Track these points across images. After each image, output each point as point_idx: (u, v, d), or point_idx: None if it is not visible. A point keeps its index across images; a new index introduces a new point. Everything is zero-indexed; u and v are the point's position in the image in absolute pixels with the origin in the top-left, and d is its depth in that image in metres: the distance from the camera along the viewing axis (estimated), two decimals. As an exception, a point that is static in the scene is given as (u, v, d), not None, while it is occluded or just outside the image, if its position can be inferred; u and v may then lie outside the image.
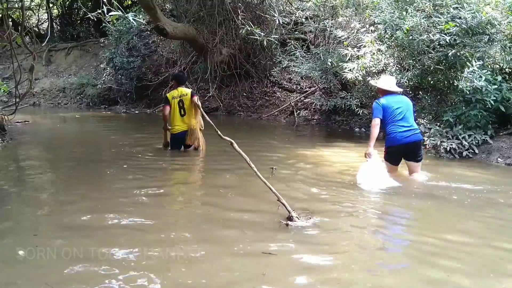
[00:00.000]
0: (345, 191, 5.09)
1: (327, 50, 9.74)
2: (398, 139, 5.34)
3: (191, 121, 6.92)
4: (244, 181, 5.31)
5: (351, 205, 4.57)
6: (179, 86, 7.07)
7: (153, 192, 4.91)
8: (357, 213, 4.33)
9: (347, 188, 5.23)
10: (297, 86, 12.60)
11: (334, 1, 9.61)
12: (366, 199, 4.96)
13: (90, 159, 6.84)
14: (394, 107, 5.35)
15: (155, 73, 14.33)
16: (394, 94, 5.51)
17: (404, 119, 5.36)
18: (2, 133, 8.17)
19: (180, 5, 13.15)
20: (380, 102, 5.39)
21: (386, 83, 5.55)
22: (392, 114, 5.34)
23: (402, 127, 5.33)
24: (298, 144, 8.23)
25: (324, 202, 4.67)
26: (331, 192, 5.04)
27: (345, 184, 5.39)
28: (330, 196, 4.88)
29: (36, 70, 15.72)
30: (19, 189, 5.14)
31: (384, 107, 5.35)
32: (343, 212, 4.34)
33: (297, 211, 3.97)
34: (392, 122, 5.35)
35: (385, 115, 5.35)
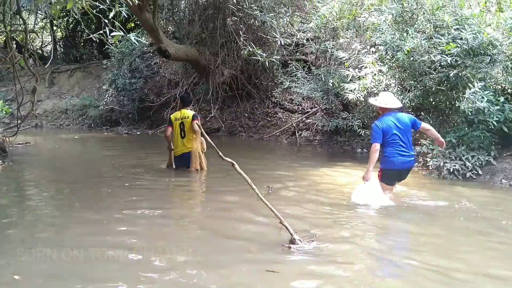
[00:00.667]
0: (348, 213, 5.04)
1: (328, 71, 9.77)
2: (396, 163, 5.38)
3: (191, 143, 6.96)
4: (246, 203, 5.25)
5: (353, 228, 4.51)
6: (183, 107, 7.13)
7: (154, 214, 4.87)
8: (359, 236, 4.26)
9: (350, 209, 5.18)
10: (299, 106, 12.61)
11: (335, 23, 9.67)
12: (368, 221, 4.89)
13: (91, 180, 6.80)
14: (393, 130, 5.33)
15: (157, 94, 14.39)
16: (393, 112, 5.47)
17: (403, 143, 5.35)
18: (3, 155, 8.15)
19: (182, 27, 13.30)
20: (380, 126, 5.35)
21: (384, 101, 5.49)
22: (391, 137, 5.33)
23: (400, 152, 5.34)
24: (299, 165, 8.19)
25: (326, 224, 4.60)
26: (334, 214, 4.98)
27: (347, 206, 5.33)
28: (333, 218, 4.82)
29: (38, 91, 15.84)
30: (18, 211, 5.09)
31: (384, 130, 5.33)
32: (345, 235, 4.27)
33: (300, 233, 3.90)
34: (391, 145, 5.35)
35: (385, 137, 5.34)
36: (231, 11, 10.62)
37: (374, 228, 4.66)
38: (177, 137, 6.99)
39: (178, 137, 6.99)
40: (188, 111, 7.02)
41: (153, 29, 10.31)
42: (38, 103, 16.31)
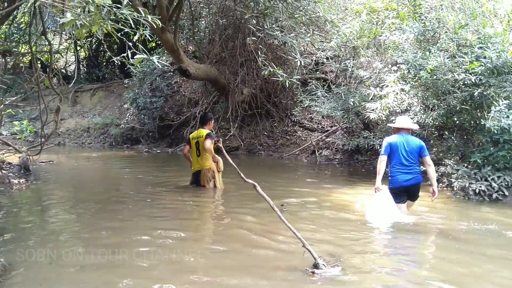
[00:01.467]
0: (372, 235, 4.98)
1: (349, 89, 9.73)
2: (399, 181, 5.63)
3: (204, 162, 7.07)
4: (266, 224, 5.18)
5: (378, 252, 4.41)
6: (201, 126, 7.26)
7: (170, 235, 4.82)
8: (386, 260, 4.15)
9: (374, 231, 5.11)
10: (318, 125, 12.56)
11: (355, 42, 9.65)
12: (393, 244, 4.77)
13: (112, 199, 6.81)
14: (400, 148, 5.60)
15: (177, 112, 14.51)
16: (406, 133, 5.72)
17: (406, 162, 5.59)
18: (26, 173, 8.27)
19: (202, 46, 13.45)
20: (388, 140, 5.69)
21: (399, 121, 5.84)
22: (396, 154, 5.62)
23: (402, 170, 5.61)
24: (320, 184, 8.09)
25: (351, 246, 4.49)
26: (358, 236, 4.88)
27: (371, 227, 5.24)
28: (357, 240, 4.72)
29: (62, 110, 16.10)
30: (40, 229, 5.11)
31: (392, 145, 5.63)
32: (371, 258, 4.16)
33: (323, 257, 3.81)
34: (395, 163, 5.64)
35: (391, 154, 5.65)
36: (251, 31, 10.69)
37: (400, 252, 4.53)
38: (194, 156, 7.16)
39: (194, 155, 7.15)
40: (204, 130, 7.09)
41: (174, 49, 10.44)
42: (61, 121, 16.61)
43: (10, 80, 9.04)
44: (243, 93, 12.51)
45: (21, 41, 8.92)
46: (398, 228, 5.23)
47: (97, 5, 3.07)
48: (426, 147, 5.74)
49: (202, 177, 7.11)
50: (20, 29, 9.18)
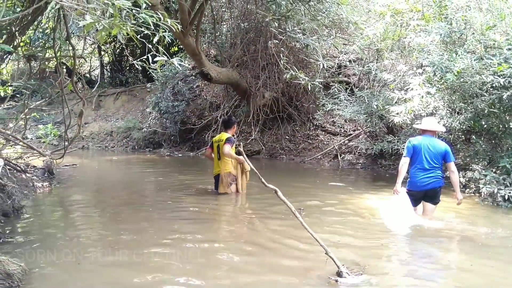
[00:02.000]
0: (396, 241, 4.86)
1: (372, 93, 9.55)
2: (418, 185, 5.57)
3: (224, 166, 7.01)
4: (288, 231, 5.09)
5: (404, 259, 4.27)
6: (224, 130, 7.28)
7: (193, 237, 4.78)
8: (411, 268, 4.01)
9: (398, 237, 4.98)
10: (341, 129, 12.39)
11: (379, 44, 9.48)
12: (418, 250, 4.63)
13: (133, 202, 6.82)
14: (423, 150, 5.51)
15: (199, 116, 14.53)
16: (431, 136, 5.63)
17: (428, 165, 5.50)
18: (50, 177, 8.36)
19: (224, 50, 13.46)
20: (412, 142, 5.61)
21: (424, 124, 5.75)
22: (419, 157, 5.53)
23: (423, 173, 5.51)
24: (342, 189, 7.95)
25: (374, 253, 4.37)
26: (381, 242, 4.76)
27: (396, 234, 5.10)
28: (381, 247, 4.60)
29: (86, 114, 16.39)
30: (62, 232, 5.12)
31: (415, 147, 5.55)
32: (395, 266, 4.05)
33: (347, 264, 3.70)
34: (416, 166, 5.56)
35: (414, 156, 5.57)
36: (272, 34, 10.63)
37: (427, 259, 4.38)
38: (215, 159, 7.16)
39: (215, 159, 7.15)
40: (225, 134, 7.08)
41: (196, 53, 10.46)
42: (85, 125, 16.87)
43: (35, 84, 9.18)
44: (265, 96, 12.45)
45: (46, 46, 9.05)
46: (423, 234, 5.14)
47: (117, 7, 3.04)
48: (451, 153, 5.58)
49: (220, 182, 7.06)
50: (45, 34, 9.32)
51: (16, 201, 5.72)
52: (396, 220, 5.49)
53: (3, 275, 3.24)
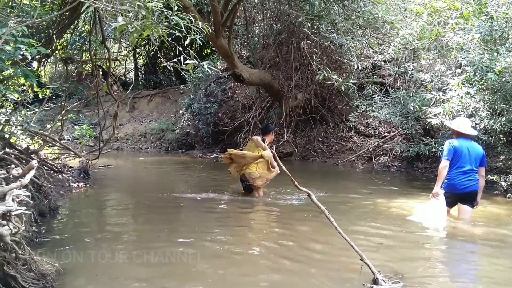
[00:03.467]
0: (434, 247, 4.68)
1: (408, 94, 9.29)
2: (457, 188, 5.44)
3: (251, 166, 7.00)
4: (320, 234, 4.98)
5: (442, 265, 4.12)
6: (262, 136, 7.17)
7: (224, 239, 4.73)
8: (451, 275, 3.85)
9: (436, 243, 4.79)
10: (375, 131, 12.12)
11: (415, 44, 9.22)
12: (456, 256, 4.46)
13: (166, 203, 6.85)
14: (464, 153, 5.39)
15: (231, 118, 14.54)
16: (467, 138, 5.53)
17: (469, 168, 5.40)
18: (86, 177, 8.51)
19: (256, 51, 13.42)
20: (453, 144, 5.44)
21: (462, 125, 5.56)
22: (459, 160, 5.40)
23: (464, 176, 5.40)
24: (377, 193, 7.74)
25: (411, 259, 4.21)
26: (419, 247, 4.61)
27: (432, 238, 4.92)
28: (418, 252, 4.44)
29: (121, 116, 16.68)
30: (96, 233, 5.18)
31: (456, 150, 5.40)
32: (434, 273, 3.88)
33: (383, 271, 3.56)
34: (456, 168, 5.41)
35: (454, 158, 5.42)
36: (305, 35, 10.50)
37: (464, 264, 4.20)
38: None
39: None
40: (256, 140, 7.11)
41: (228, 55, 10.45)
42: (120, 126, 17.17)
43: (72, 87, 9.39)
44: (297, 98, 12.33)
45: (82, 49, 9.26)
46: (461, 237, 5.00)
47: (149, 9, 3.03)
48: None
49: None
50: (81, 37, 9.53)
51: (52, 201, 5.84)
52: (432, 223, 5.35)
53: (38, 275, 3.27)
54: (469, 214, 5.57)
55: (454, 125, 5.60)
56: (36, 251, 3.99)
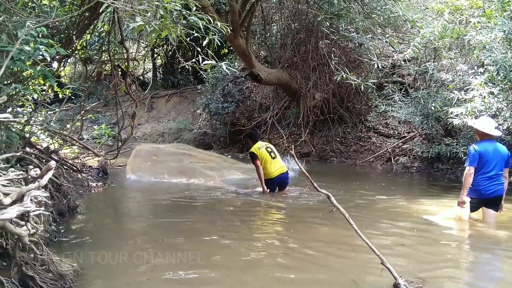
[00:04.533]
0: (457, 250, 4.57)
1: (429, 93, 9.12)
2: (483, 193, 5.27)
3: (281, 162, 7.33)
4: (339, 237, 4.90)
5: (465, 270, 4.01)
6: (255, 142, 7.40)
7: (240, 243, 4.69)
8: (478, 280, 3.72)
9: (458, 245, 4.68)
10: (394, 131, 11.95)
11: (436, 43, 9.04)
12: (482, 259, 4.34)
13: (184, 203, 6.84)
14: (489, 157, 5.20)
15: (248, 118, 14.51)
16: (491, 140, 5.33)
17: (494, 172, 5.23)
18: (104, 177, 8.57)
19: (274, 51, 13.36)
20: (477, 149, 5.22)
21: (487, 126, 5.30)
22: (485, 165, 5.21)
23: (489, 181, 5.23)
24: (397, 194, 7.60)
25: (433, 264, 4.10)
26: (441, 251, 4.50)
27: (455, 242, 4.80)
28: (441, 256, 4.33)
29: (139, 116, 16.80)
30: (114, 232, 5.20)
31: (481, 155, 5.20)
32: (458, 278, 3.77)
33: (405, 276, 3.47)
34: (481, 173, 5.23)
35: (478, 163, 5.23)
36: (324, 34, 10.40)
37: (488, 270, 4.08)
38: (269, 161, 7.17)
39: (269, 160, 7.17)
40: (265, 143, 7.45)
41: (246, 54, 10.43)
42: (138, 126, 17.29)
43: (91, 87, 9.47)
44: (315, 98, 12.23)
45: (102, 49, 9.32)
46: (484, 241, 4.87)
47: (167, 9, 3.01)
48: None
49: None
50: (100, 38, 9.60)
51: (71, 201, 5.88)
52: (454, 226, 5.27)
53: (56, 276, 3.28)
54: (494, 218, 5.42)
55: (479, 126, 5.33)
56: (54, 251, 4.01)
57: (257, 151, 7.18)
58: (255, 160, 7.16)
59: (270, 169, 7.16)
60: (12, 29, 3.64)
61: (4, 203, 2.48)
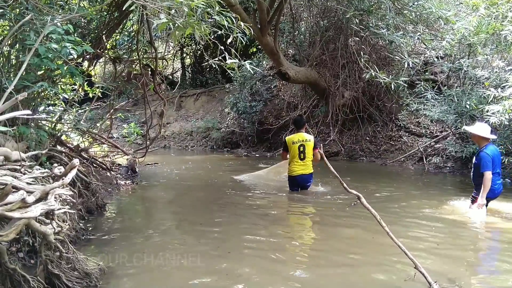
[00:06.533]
0: (492, 253, 4.38)
1: (463, 91, 8.81)
2: (496, 192, 5.67)
3: (309, 165, 7.11)
4: (371, 240, 4.76)
5: (501, 271, 3.80)
6: (298, 131, 7.20)
7: (262, 245, 4.61)
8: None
9: (494, 249, 4.47)
10: (426, 130, 11.62)
11: (471, 39, 8.72)
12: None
13: (212, 203, 6.83)
14: (495, 159, 5.62)
15: (276, 117, 14.42)
16: (491, 143, 5.77)
17: (498, 172, 5.71)
18: (133, 175, 8.64)
19: (302, 49, 13.21)
20: (490, 154, 5.57)
21: (486, 131, 5.74)
22: (494, 166, 5.60)
23: (498, 180, 5.69)
24: (429, 195, 7.37)
25: (469, 267, 3.93)
26: (477, 254, 4.32)
27: (489, 245, 4.59)
28: (476, 260, 4.14)
29: (168, 115, 16.95)
30: (141, 232, 5.19)
31: (493, 158, 5.57)
32: (494, 281, 3.59)
33: (439, 281, 3.32)
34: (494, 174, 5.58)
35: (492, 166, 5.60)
36: (353, 31, 10.20)
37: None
38: (296, 159, 7.08)
39: (297, 158, 7.07)
40: (306, 135, 7.12)
41: (274, 52, 10.34)
42: (167, 125, 17.45)
43: (120, 86, 9.57)
44: (344, 96, 12.03)
45: (131, 48, 9.40)
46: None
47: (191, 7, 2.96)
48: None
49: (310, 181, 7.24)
50: (130, 37, 9.69)
51: (99, 199, 5.93)
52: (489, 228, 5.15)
53: (82, 274, 3.28)
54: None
55: (483, 132, 5.70)
56: (82, 248, 4.03)
57: (290, 145, 7.10)
58: (284, 151, 7.23)
59: (294, 167, 7.12)
60: (40, 27, 3.66)
61: (28, 202, 2.48)
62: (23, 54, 4.26)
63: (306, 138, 7.02)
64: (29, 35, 3.74)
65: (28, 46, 3.82)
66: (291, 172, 7.17)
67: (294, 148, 7.04)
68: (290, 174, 7.19)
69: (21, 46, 4.44)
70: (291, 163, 7.14)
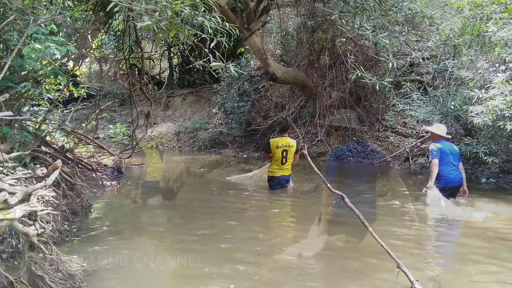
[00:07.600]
0: (476, 251, 4.40)
1: (448, 92, 8.91)
2: (450, 181, 6.49)
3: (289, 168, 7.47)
4: (353, 239, 4.79)
5: (486, 272, 3.86)
6: (282, 135, 7.42)
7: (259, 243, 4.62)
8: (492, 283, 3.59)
9: (475, 248, 4.51)
10: (413, 130, 11.73)
11: (456, 40, 8.82)
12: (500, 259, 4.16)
13: (199, 202, 6.82)
14: (447, 152, 6.48)
15: (264, 117, 14.43)
16: (445, 140, 6.67)
17: (453, 165, 6.50)
18: (119, 176, 8.58)
19: (290, 50, 13.25)
20: (437, 146, 6.49)
21: (441, 130, 6.73)
22: (446, 158, 6.46)
23: (452, 171, 6.49)
24: (415, 195, 7.45)
25: (452, 267, 3.99)
26: (459, 253, 4.38)
27: (472, 247, 4.64)
28: (459, 258, 4.19)
29: (155, 115, 16.85)
30: (127, 232, 5.17)
31: (441, 151, 6.45)
32: (477, 282, 3.64)
33: (421, 280, 3.36)
34: (446, 164, 6.46)
35: (441, 157, 6.43)
36: (340, 32, 10.25)
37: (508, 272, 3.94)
38: (278, 163, 7.34)
39: (279, 162, 7.33)
40: (291, 140, 7.39)
41: (261, 53, 10.36)
42: (154, 125, 17.34)
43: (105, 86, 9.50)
44: (332, 96, 12.10)
45: (117, 48, 9.34)
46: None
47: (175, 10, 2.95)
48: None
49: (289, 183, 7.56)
50: (116, 37, 9.62)
51: (85, 200, 5.88)
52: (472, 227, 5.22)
53: (65, 275, 3.26)
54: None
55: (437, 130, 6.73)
56: (66, 250, 4.00)
57: (274, 149, 7.30)
58: (268, 153, 7.45)
59: (275, 169, 7.42)
60: (23, 27, 3.63)
61: (10, 203, 2.45)
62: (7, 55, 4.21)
63: (290, 144, 7.32)
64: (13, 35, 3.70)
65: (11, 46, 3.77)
66: (272, 173, 7.46)
67: (278, 152, 7.26)
68: (271, 175, 7.47)
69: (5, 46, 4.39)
70: (273, 165, 7.42)
